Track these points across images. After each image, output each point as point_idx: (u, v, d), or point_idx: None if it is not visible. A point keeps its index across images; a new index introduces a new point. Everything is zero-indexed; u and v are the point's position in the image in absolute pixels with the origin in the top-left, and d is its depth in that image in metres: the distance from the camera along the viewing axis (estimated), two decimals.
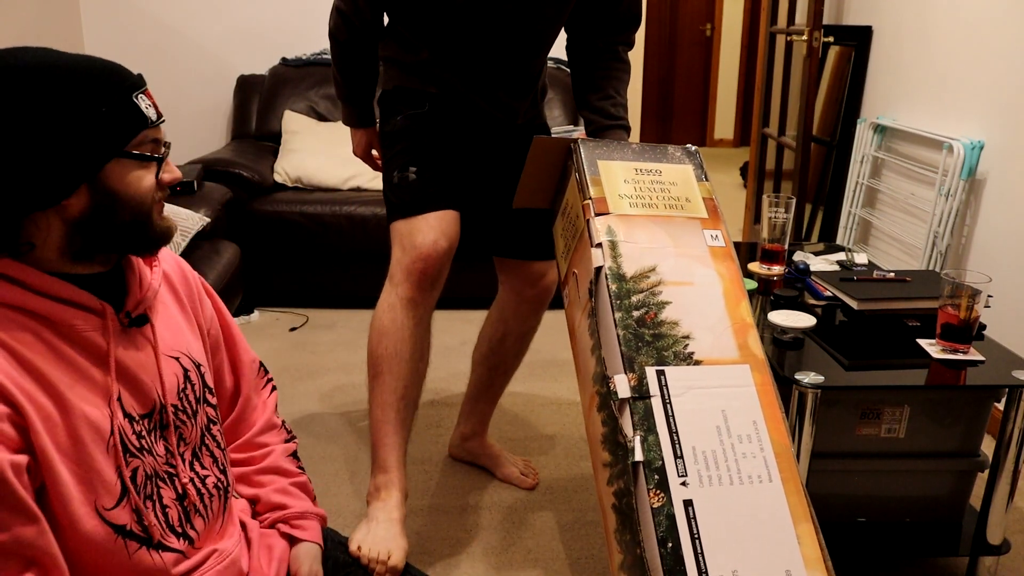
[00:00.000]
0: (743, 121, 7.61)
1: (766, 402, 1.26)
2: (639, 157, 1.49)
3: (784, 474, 1.20)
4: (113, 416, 0.94)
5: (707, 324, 1.31)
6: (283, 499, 1.21)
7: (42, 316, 0.90)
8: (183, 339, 1.08)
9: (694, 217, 1.44)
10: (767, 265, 2.18)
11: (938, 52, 2.75)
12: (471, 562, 1.80)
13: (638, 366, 1.24)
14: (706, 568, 1.10)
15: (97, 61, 0.92)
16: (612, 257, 1.33)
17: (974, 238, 2.51)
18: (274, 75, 3.80)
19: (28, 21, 3.47)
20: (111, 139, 0.90)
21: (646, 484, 1.17)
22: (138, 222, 0.94)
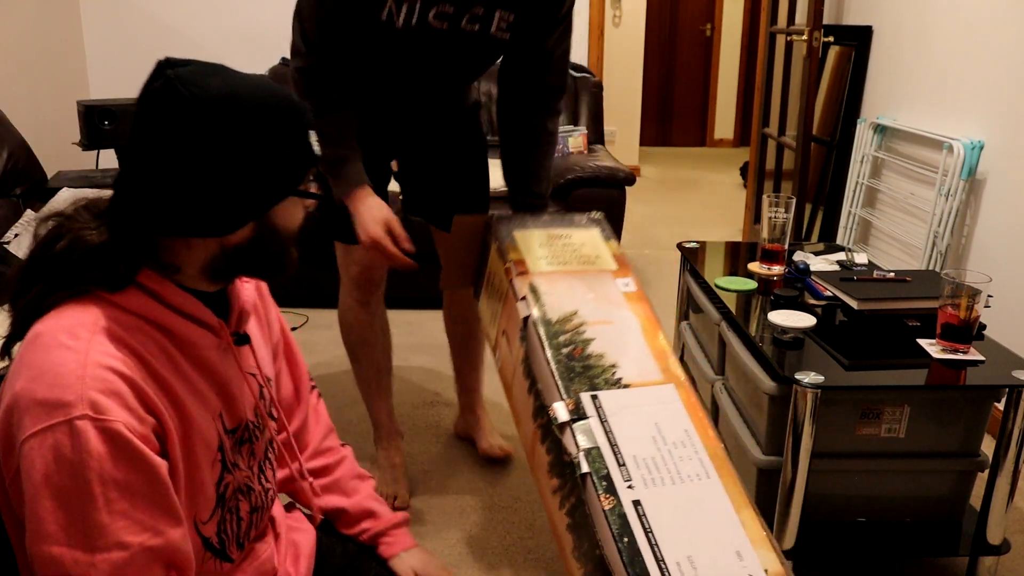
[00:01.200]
0: (743, 121, 7.61)
1: (693, 413, 1.39)
2: (549, 225, 1.68)
3: (720, 471, 1.31)
4: (219, 432, 0.96)
5: (630, 354, 1.46)
6: (374, 506, 1.26)
7: (166, 329, 0.91)
8: (261, 353, 1.10)
9: (605, 270, 1.61)
10: (767, 265, 2.18)
11: (938, 52, 2.75)
12: (471, 562, 1.80)
13: (573, 393, 1.37)
14: (662, 555, 1.18)
15: (277, 94, 0.91)
16: (537, 307, 1.49)
17: (974, 238, 2.51)
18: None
19: (28, 21, 3.47)
20: (290, 178, 0.92)
21: (595, 491, 1.25)
22: (284, 252, 0.97)
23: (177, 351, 0.92)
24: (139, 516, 0.83)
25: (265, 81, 0.92)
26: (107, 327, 0.86)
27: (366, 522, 1.25)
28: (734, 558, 1.20)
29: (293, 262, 0.99)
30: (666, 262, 4.05)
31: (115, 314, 0.88)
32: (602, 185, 3.16)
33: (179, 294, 0.91)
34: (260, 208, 0.91)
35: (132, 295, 0.89)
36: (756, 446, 1.78)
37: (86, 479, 0.80)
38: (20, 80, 3.39)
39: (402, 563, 1.23)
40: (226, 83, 0.87)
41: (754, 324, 1.85)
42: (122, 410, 0.82)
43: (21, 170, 2.73)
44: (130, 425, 0.83)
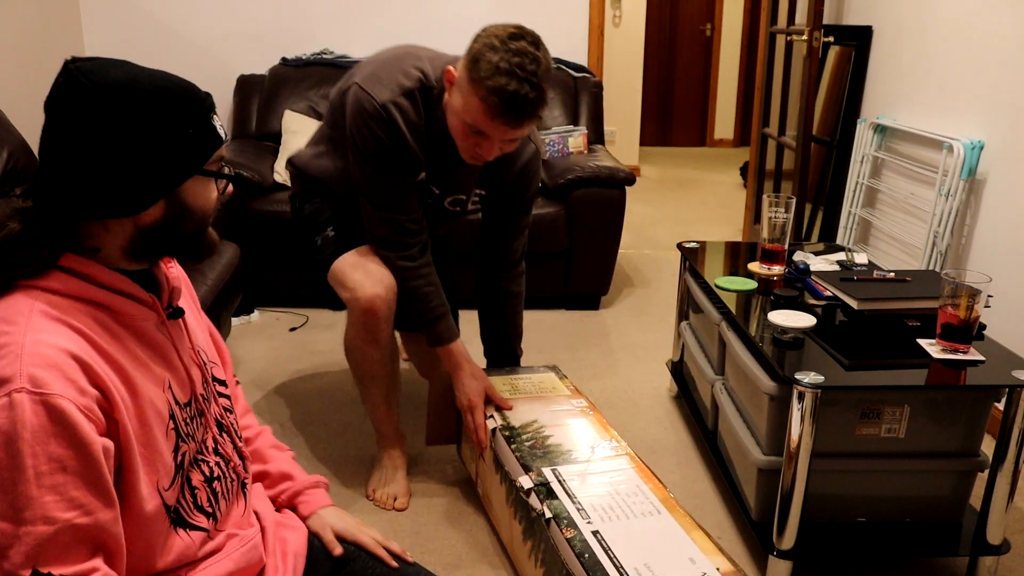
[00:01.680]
0: (743, 121, 7.61)
1: (645, 475, 1.61)
2: (512, 373, 2.08)
3: (671, 510, 1.50)
4: (169, 402, 0.99)
5: (585, 443, 1.73)
6: (290, 469, 1.31)
7: (104, 306, 0.94)
8: (201, 334, 1.15)
9: (560, 395, 1.95)
10: (767, 265, 2.18)
11: (938, 52, 2.75)
12: (471, 562, 1.80)
13: (535, 469, 1.63)
14: (621, 564, 1.34)
15: (176, 81, 0.98)
16: (501, 419, 1.83)
17: (974, 238, 2.51)
18: (274, 75, 3.80)
19: (28, 21, 3.47)
20: (194, 158, 0.97)
21: (558, 528, 1.46)
22: (198, 233, 1.01)
23: (117, 325, 0.95)
24: (69, 493, 0.84)
25: (167, 73, 0.98)
26: (43, 310, 0.89)
27: (284, 483, 1.29)
28: (688, 563, 1.34)
29: (212, 243, 1.04)
30: (666, 262, 4.05)
31: (48, 298, 0.91)
32: (602, 185, 3.16)
33: (107, 273, 0.95)
34: (165, 187, 0.95)
35: (61, 279, 0.92)
36: (756, 446, 1.78)
37: (18, 450, 0.82)
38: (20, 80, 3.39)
39: (319, 520, 1.26)
40: (126, 72, 0.93)
41: (754, 324, 1.85)
42: (62, 382, 0.84)
43: (21, 170, 2.72)
44: (71, 397, 0.84)
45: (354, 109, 1.78)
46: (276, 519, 1.22)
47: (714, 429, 2.16)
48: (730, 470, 1.99)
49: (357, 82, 1.78)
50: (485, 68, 1.59)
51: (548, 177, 3.27)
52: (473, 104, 1.63)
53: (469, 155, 1.76)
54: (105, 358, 0.91)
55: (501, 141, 1.69)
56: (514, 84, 1.57)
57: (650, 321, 3.25)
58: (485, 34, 1.63)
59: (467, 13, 3.92)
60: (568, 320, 3.25)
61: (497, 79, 1.58)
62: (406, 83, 1.76)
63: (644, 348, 2.96)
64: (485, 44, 1.61)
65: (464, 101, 1.65)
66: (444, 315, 1.92)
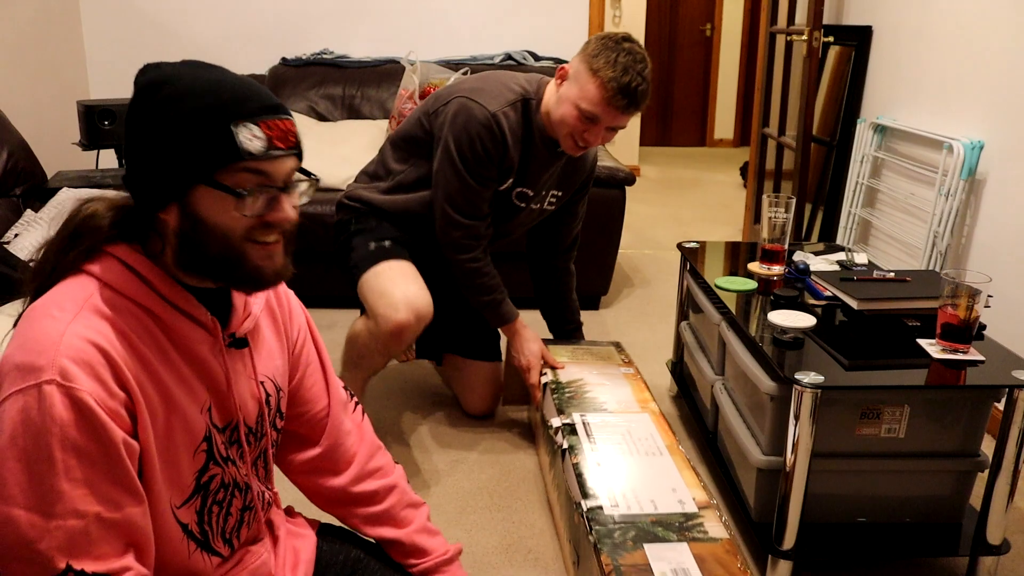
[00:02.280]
0: (743, 121, 7.60)
1: (661, 427, 1.82)
2: (575, 344, 2.34)
3: (672, 453, 1.71)
4: (207, 424, 0.97)
5: (617, 399, 1.97)
6: (423, 542, 1.25)
7: (158, 316, 0.93)
8: (273, 363, 1.10)
9: (612, 363, 2.19)
10: (767, 265, 2.18)
11: (938, 52, 2.75)
12: (471, 562, 1.80)
13: (567, 412, 1.88)
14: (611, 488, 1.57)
15: (233, 84, 0.91)
16: (553, 376, 2.10)
17: (974, 238, 2.51)
18: (274, 75, 3.80)
19: (28, 21, 3.47)
20: (199, 165, 0.88)
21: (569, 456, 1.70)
22: (227, 257, 0.92)
23: (166, 339, 0.93)
24: (98, 487, 0.84)
25: (221, 75, 0.92)
26: (96, 304, 0.89)
27: (414, 558, 1.24)
28: (670, 492, 1.57)
29: (261, 272, 0.94)
30: (666, 262, 4.05)
31: (108, 294, 0.90)
32: (602, 185, 3.15)
33: (168, 284, 0.93)
34: (169, 188, 0.90)
35: (126, 278, 0.91)
36: (756, 446, 1.78)
37: (48, 443, 0.82)
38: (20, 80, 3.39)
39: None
40: (178, 71, 0.91)
41: (754, 324, 1.85)
42: (90, 380, 0.84)
43: (21, 170, 2.73)
44: (97, 395, 0.84)
45: (462, 117, 1.97)
46: (288, 528, 1.21)
47: (714, 429, 2.16)
48: (730, 470, 1.99)
49: (464, 95, 1.98)
50: (604, 61, 1.87)
51: None
52: (591, 91, 1.89)
53: (572, 143, 1.99)
54: (142, 363, 0.90)
55: (606, 129, 1.95)
56: (628, 76, 1.86)
57: (650, 321, 3.25)
58: (599, 37, 1.92)
59: (467, 13, 3.92)
60: None
61: (616, 69, 1.86)
62: (511, 96, 2.02)
63: (644, 348, 2.96)
64: (603, 44, 1.89)
65: (581, 89, 1.90)
66: (505, 298, 2.15)
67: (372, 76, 3.79)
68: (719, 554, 1.38)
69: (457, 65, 3.67)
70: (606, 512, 1.49)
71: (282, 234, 0.95)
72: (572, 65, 1.95)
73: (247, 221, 0.91)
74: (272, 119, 0.91)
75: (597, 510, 1.50)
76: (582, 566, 1.55)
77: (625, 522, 1.46)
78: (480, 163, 1.99)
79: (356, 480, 1.22)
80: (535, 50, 4.07)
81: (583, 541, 1.52)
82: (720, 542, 1.41)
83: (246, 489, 1.06)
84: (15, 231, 2.49)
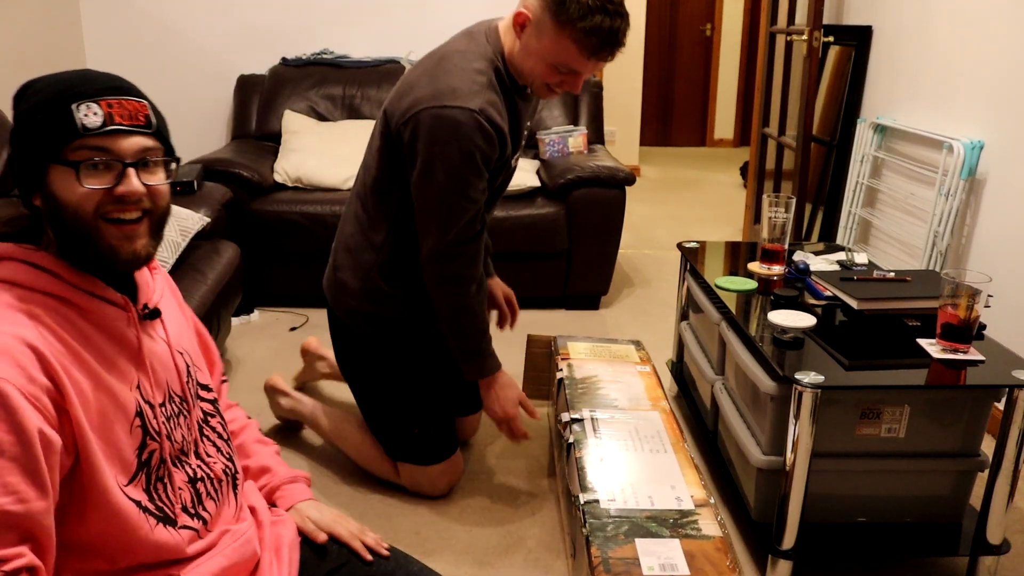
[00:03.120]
0: (743, 121, 7.60)
1: (669, 425, 1.82)
2: (595, 341, 2.28)
3: (676, 451, 1.71)
4: (138, 401, 0.99)
5: (629, 396, 1.96)
6: (270, 463, 1.32)
7: (72, 303, 0.96)
8: (185, 338, 1.15)
9: (629, 361, 2.16)
10: (767, 265, 2.18)
11: (938, 52, 2.75)
12: (472, 562, 1.80)
13: (577, 408, 1.88)
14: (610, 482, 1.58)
15: (83, 73, 0.97)
16: (568, 372, 2.05)
17: (974, 238, 2.51)
18: (274, 75, 3.80)
19: (28, 21, 3.47)
20: (47, 145, 0.93)
21: (574, 450, 1.71)
22: (80, 234, 0.95)
23: (86, 323, 0.96)
24: (5, 478, 0.84)
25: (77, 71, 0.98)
26: (8, 301, 0.91)
27: (263, 478, 1.30)
28: (669, 489, 1.58)
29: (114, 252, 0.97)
30: (666, 262, 4.05)
31: (19, 292, 0.93)
32: (602, 185, 3.16)
33: (74, 272, 0.97)
34: (33, 172, 0.95)
35: (30, 274, 0.94)
36: (756, 446, 1.78)
37: None
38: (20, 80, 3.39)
39: (297, 514, 1.27)
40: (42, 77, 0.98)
41: (754, 324, 1.85)
42: (12, 368, 0.85)
43: None
44: (17, 383, 0.85)
45: (445, 130, 1.62)
46: (270, 517, 1.23)
47: (714, 429, 2.16)
48: (730, 470, 1.99)
49: (432, 104, 1.63)
50: (575, 9, 1.54)
51: (548, 177, 3.27)
52: (565, 46, 1.58)
53: (547, 91, 1.71)
54: (68, 352, 0.92)
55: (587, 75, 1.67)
56: (608, 20, 1.55)
57: (650, 321, 3.25)
58: None
59: (467, 13, 3.92)
60: (568, 320, 3.25)
61: (592, 19, 1.54)
62: (482, 78, 1.66)
63: (644, 348, 2.96)
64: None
65: (552, 44, 1.60)
66: (491, 346, 1.87)
67: (372, 76, 3.79)
68: (709, 552, 1.38)
69: None
70: (602, 506, 1.51)
71: (146, 215, 0.98)
72: (532, 11, 1.61)
73: (94, 196, 0.94)
74: (114, 98, 0.96)
75: (593, 503, 1.52)
76: (577, 559, 1.56)
77: (620, 516, 1.48)
78: (479, 175, 1.69)
79: None
80: None
81: (578, 534, 1.54)
82: (712, 540, 1.41)
83: (181, 462, 1.07)
84: None
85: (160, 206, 1.00)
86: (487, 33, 1.72)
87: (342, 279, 1.90)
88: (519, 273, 3.25)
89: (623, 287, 3.66)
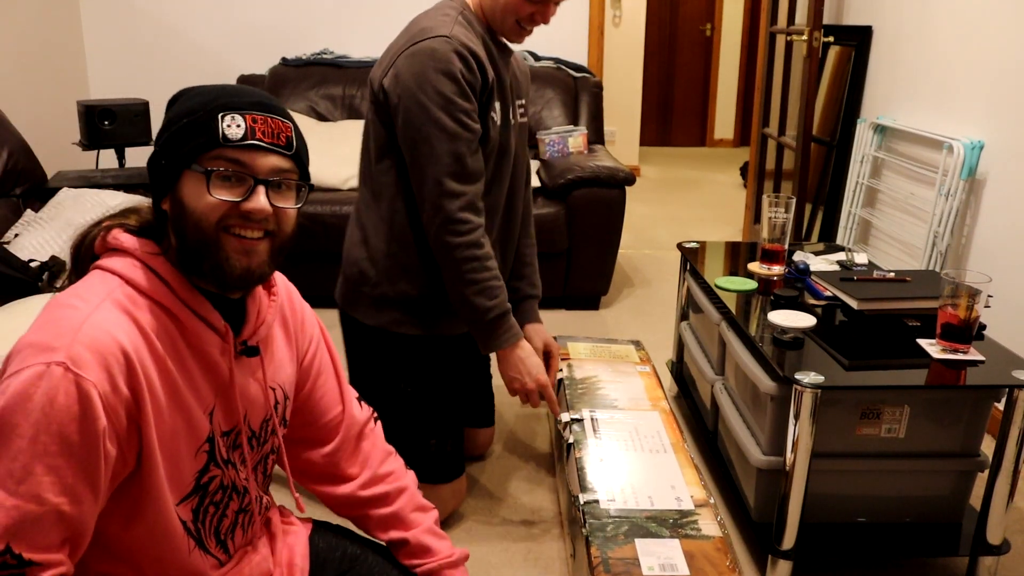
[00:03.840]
0: (743, 121, 7.61)
1: (669, 425, 1.83)
2: (594, 341, 2.32)
3: (676, 451, 1.73)
4: (210, 427, 0.98)
5: (629, 396, 1.98)
6: (429, 542, 1.23)
7: (175, 316, 0.95)
8: (283, 372, 1.11)
9: (629, 361, 2.19)
10: (767, 265, 2.18)
11: (938, 52, 2.75)
12: (472, 562, 1.80)
13: (576, 408, 1.90)
14: (610, 482, 1.59)
15: (238, 88, 0.98)
16: (568, 373, 2.08)
17: (974, 238, 2.51)
18: (274, 75, 3.80)
19: (28, 21, 3.47)
20: (187, 150, 0.93)
21: (574, 451, 1.72)
22: (200, 241, 0.94)
23: (182, 340, 0.95)
24: (67, 479, 0.83)
25: (234, 86, 0.99)
26: (119, 299, 0.90)
27: (419, 558, 1.23)
28: (669, 488, 1.59)
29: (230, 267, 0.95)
30: (666, 262, 4.05)
31: (130, 292, 0.92)
32: (602, 185, 3.16)
33: (186, 287, 0.96)
34: (168, 173, 0.95)
35: (148, 279, 0.94)
36: (756, 446, 1.78)
37: (36, 422, 0.82)
38: (20, 80, 3.39)
39: None
40: (201, 85, 0.99)
41: (754, 324, 1.85)
42: (100, 371, 0.84)
43: (21, 170, 2.72)
44: (102, 388, 0.84)
45: (421, 60, 1.62)
46: (283, 527, 1.22)
47: (714, 429, 2.16)
48: (730, 470, 1.99)
49: (405, 49, 1.66)
50: None
51: (548, 177, 3.27)
52: None
53: (519, 29, 1.73)
54: (157, 364, 0.91)
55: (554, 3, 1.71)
56: None
57: (650, 321, 3.25)
58: None
59: None
60: (568, 320, 3.25)
61: None
62: (452, 14, 1.70)
63: (644, 348, 2.96)
64: None
65: None
66: (509, 309, 1.74)
67: None
68: (709, 552, 1.38)
69: None
70: (602, 506, 1.51)
71: (268, 236, 0.97)
72: None
73: (221, 207, 0.93)
74: (260, 114, 0.95)
75: (593, 504, 1.52)
76: (577, 559, 1.56)
77: (619, 516, 1.48)
78: (466, 97, 1.64)
79: (367, 484, 1.23)
80: (535, 50, 4.07)
81: (578, 534, 1.54)
82: (712, 540, 1.41)
83: (244, 492, 1.07)
84: (15, 231, 2.49)
85: (284, 230, 0.99)
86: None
87: (358, 272, 1.83)
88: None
89: (623, 287, 3.66)
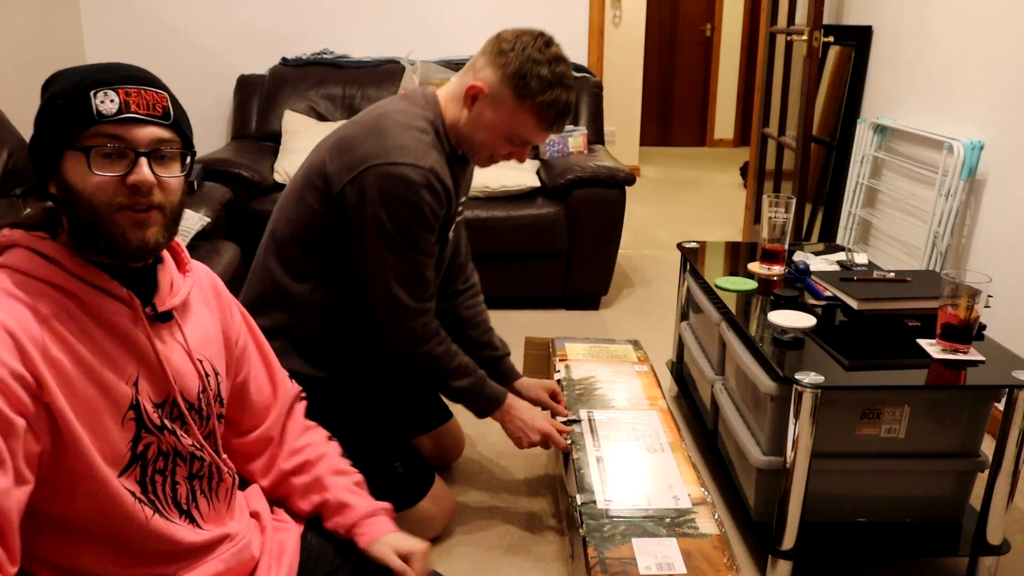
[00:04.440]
0: (743, 121, 7.60)
1: (667, 424, 1.83)
2: (593, 342, 2.28)
3: (675, 450, 1.72)
4: (133, 395, 0.99)
5: (627, 396, 1.97)
6: (347, 498, 1.24)
7: (72, 294, 0.95)
8: (210, 346, 1.13)
9: (627, 361, 2.17)
10: (767, 265, 2.18)
11: (938, 52, 2.75)
12: (472, 562, 1.80)
13: (574, 409, 1.89)
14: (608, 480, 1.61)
15: (108, 64, 0.97)
16: (566, 374, 2.07)
17: (974, 238, 2.51)
18: (274, 75, 3.80)
19: (28, 21, 3.47)
20: (63, 131, 0.94)
21: (572, 451, 1.72)
22: (93, 221, 0.94)
23: (84, 315, 0.96)
24: None
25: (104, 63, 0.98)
26: (6, 288, 0.92)
27: (339, 515, 1.24)
28: (666, 488, 1.58)
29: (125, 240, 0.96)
30: (666, 262, 4.05)
31: (18, 278, 0.93)
32: (602, 185, 3.16)
33: (78, 262, 0.97)
34: (48, 158, 0.96)
35: (36, 263, 0.95)
36: (756, 446, 1.78)
37: None
38: (20, 80, 3.39)
39: (379, 548, 1.20)
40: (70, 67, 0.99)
41: (754, 324, 1.85)
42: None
43: (21, 170, 2.72)
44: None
45: (395, 187, 1.59)
46: (273, 523, 1.22)
47: (714, 429, 2.16)
48: (730, 470, 1.99)
49: (378, 161, 1.60)
50: (536, 84, 1.59)
51: (548, 177, 3.27)
52: (523, 119, 1.63)
53: (489, 161, 1.74)
54: (57, 341, 0.92)
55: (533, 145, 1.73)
56: (564, 94, 1.62)
57: (650, 321, 3.25)
58: (516, 45, 1.61)
59: (467, 13, 3.92)
60: (568, 320, 3.25)
61: (550, 93, 1.60)
62: (427, 138, 1.66)
63: (644, 348, 2.96)
64: (527, 58, 1.59)
65: (510, 117, 1.63)
66: (486, 375, 1.80)
67: (372, 76, 3.79)
68: (707, 550, 1.38)
69: (457, 65, 3.67)
70: (599, 506, 1.51)
71: (160, 208, 0.97)
72: (489, 84, 1.63)
73: (108, 186, 0.93)
74: (133, 87, 0.95)
75: (590, 504, 1.52)
76: (575, 559, 1.56)
77: (617, 516, 1.48)
78: (431, 230, 1.65)
79: (288, 456, 1.27)
80: None
81: (575, 535, 1.54)
82: (710, 538, 1.41)
83: (191, 458, 1.07)
84: None
85: (172, 200, 0.99)
86: (425, 97, 1.72)
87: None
88: (519, 273, 3.26)
89: (623, 287, 3.66)
